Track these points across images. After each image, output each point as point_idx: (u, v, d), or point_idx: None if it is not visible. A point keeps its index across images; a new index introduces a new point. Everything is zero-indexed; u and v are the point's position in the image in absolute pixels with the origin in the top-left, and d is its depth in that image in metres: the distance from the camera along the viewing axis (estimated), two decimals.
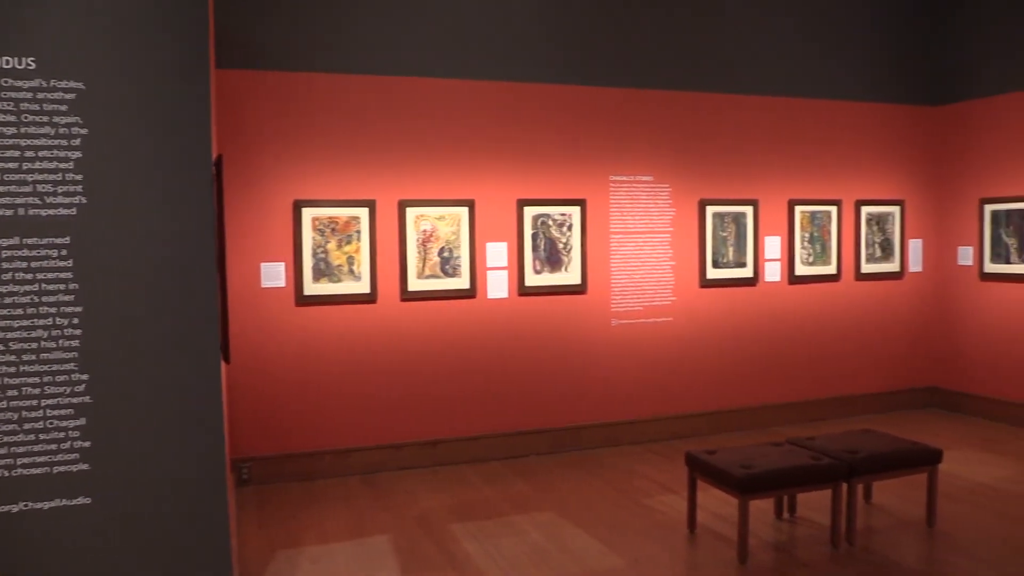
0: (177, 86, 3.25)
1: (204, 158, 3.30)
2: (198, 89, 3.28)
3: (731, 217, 7.17)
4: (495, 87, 6.39)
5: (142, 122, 3.21)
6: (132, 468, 3.21)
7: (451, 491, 5.72)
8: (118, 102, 3.17)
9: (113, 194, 3.17)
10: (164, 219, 3.23)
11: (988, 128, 7.60)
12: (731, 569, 4.36)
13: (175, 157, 3.25)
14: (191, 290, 3.28)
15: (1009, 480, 5.79)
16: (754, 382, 7.37)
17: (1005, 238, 7.43)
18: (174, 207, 3.25)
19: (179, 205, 3.25)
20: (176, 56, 3.24)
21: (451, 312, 6.30)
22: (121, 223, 3.18)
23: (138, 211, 3.20)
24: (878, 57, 7.79)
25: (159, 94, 3.22)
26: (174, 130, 3.25)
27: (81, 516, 3.16)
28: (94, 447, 3.16)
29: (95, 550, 3.18)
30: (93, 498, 3.17)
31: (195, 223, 3.28)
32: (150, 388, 3.23)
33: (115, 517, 3.20)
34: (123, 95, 3.18)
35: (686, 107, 7.00)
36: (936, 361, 8.17)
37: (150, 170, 3.22)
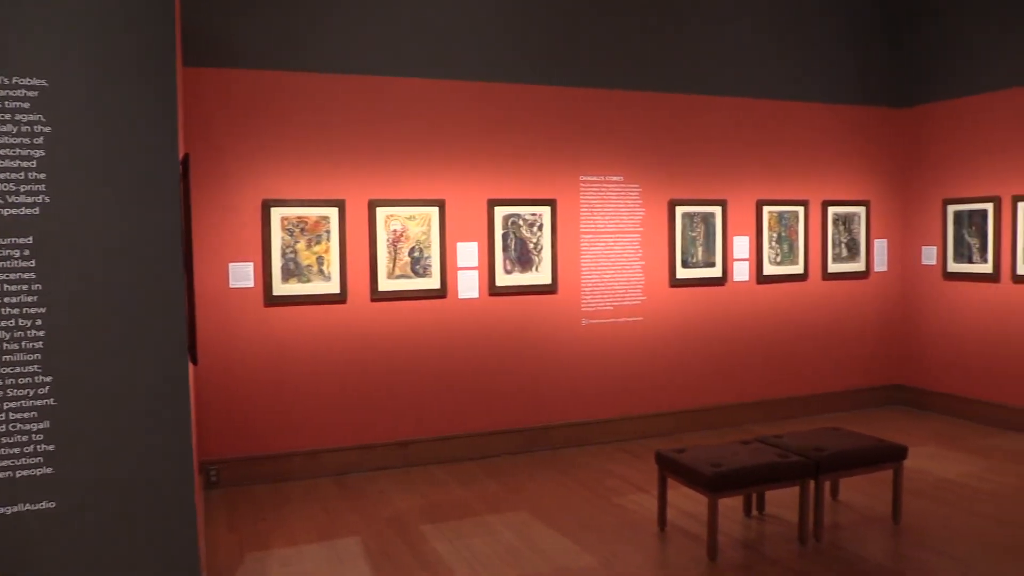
0: (143, 84, 3.20)
1: (170, 157, 3.26)
2: (164, 87, 3.24)
3: (700, 217, 7.22)
4: (466, 87, 6.38)
5: (107, 120, 3.16)
6: (97, 471, 3.16)
7: (422, 492, 5.70)
8: (82, 100, 3.12)
9: (77, 193, 3.11)
10: (129, 219, 3.19)
11: (951, 130, 7.73)
12: (701, 566, 4.39)
13: (141, 156, 3.20)
14: (157, 290, 3.23)
15: (973, 476, 5.89)
16: (723, 381, 7.44)
17: (967, 238, 7.56)
18: (140, 206, 3.20)
19: (145, 204, 3.21)
20: (142, 53, 3.20)
21: (422, 312, 6.28)
22: (85, 223, 3.13)
23: (103, 210, 3.15)
24: (844, 60, 7.89)
25: (124, 92, 3.17)
26: (140, 128, 3.20)
27: (46, 521, 3.10)
28: (58, 450, 3.11)
29: (60, 555, 3.13)
30: (58, 503, 3.12)
31: (161, 223, 3.23)
32: (115, 390, 3.18)
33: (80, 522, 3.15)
34: (87, 93, 3.13)
35: (656, 108, 7.04)
36: (901, 359, 8.29)
37: (115, 169, 3.17)
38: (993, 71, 7.31)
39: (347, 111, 6.04)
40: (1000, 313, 7.28)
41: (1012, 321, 7.17)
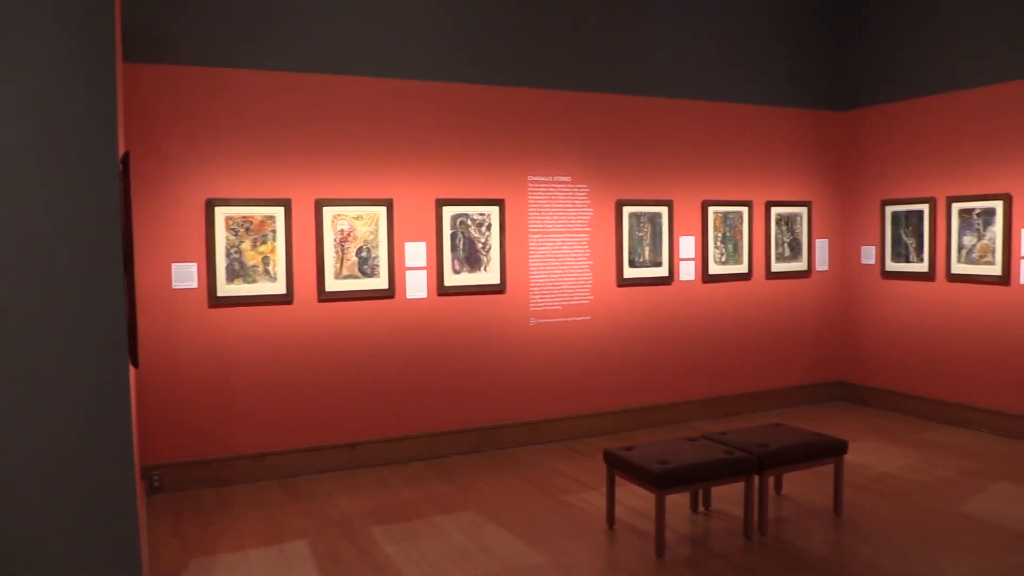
0: (81, 79, 3.12)
1: (110, 155, 3.18)
2: (103, 83, 3.16)
3: (647, 217, 7.30)
4: (414, 86, 6.35)
5: (43, 117, 3.07)
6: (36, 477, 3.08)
7: (371, 493, 5.67)
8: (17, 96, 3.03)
9: (12, 192, 3.02)
10: (67, 218, 3.10)
11: (888, 133, 7.94)
12: (649, 563, 4.44)
13: (79, 154, 3.12)
14: (97, 292, 3.15)
15: (909, 469, 6.06)
16: (670, 379, 7.53)
17: (904, 238, 7.77)
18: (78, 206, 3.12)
19: (83, 204, 3.12)
20: (80, 48, 3.11)
21: (370, 313, 6.24)
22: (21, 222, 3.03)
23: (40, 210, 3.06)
24: (787, 64, 8.05)
25: (61, 88, 3.09)
26: (78, 126, 3.11)
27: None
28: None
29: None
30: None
31: (100, 222, 3.15)
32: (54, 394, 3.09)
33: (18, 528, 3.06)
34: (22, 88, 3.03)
35: (603, 109, 7.10)
36: (842, 356, 8.49)
37: (52, 167, 3.08)
38: (929, 76, 7.53)
39: (293, 109, 5.97)
40: (935, 311, 7.50)
41: (947, 319, 7.40)
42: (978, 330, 7.13)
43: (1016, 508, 5.17)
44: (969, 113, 7.17)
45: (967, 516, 5.06)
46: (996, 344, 6.99)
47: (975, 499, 5.37)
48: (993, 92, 6.97)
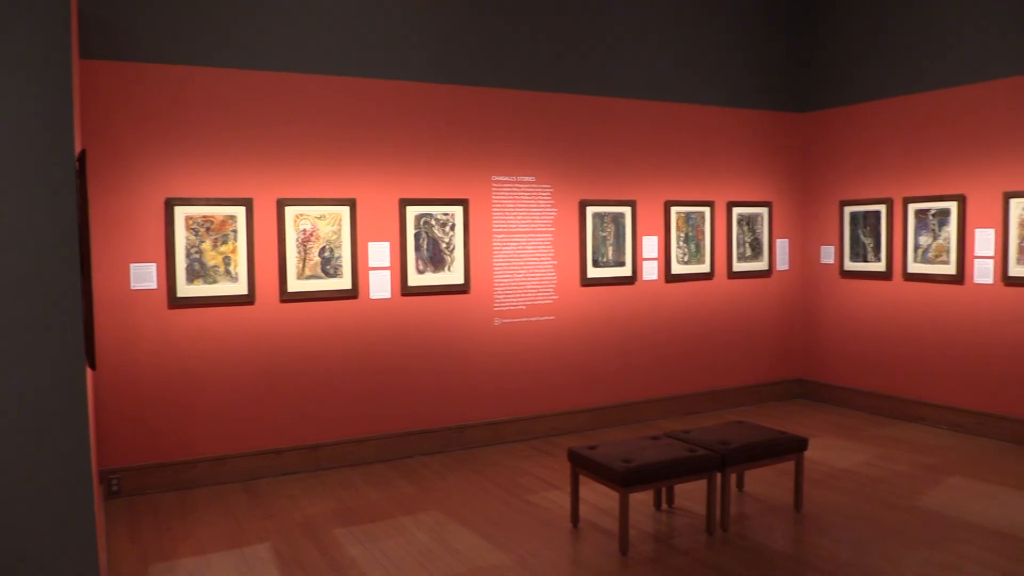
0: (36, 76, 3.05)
1: (66, 153, 3.12)
2: (59, 79, 3.10)
3: (610, 217, 7.34)
4: (377, 85, 6.32)
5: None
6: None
7: (334, 495, 5.63)
8: None
9: None
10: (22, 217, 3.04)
11: (847, 135, 8.08)
12: (613, 561, 4.47)
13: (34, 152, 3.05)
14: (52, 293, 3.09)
15: (867, 464, 6.16)
16: (633, 378, 7.58)
17: (863, 238, 7.91)
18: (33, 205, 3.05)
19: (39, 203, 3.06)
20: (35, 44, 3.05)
21: (333, 313, 6.19)
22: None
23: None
24: (749, 66, 8.14)
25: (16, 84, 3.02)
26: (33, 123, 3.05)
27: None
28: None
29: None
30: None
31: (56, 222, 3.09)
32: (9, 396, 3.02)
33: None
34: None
35: (567, 109, 7.12)
36: (802, 354, 8.61)
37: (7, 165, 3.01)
38: (886, 79, 7.67)
39: (255, 108, 5.91)
40: (892, 309, 7.64)
41: (903, 317, 7.54)
42: (933, 328, 7.28)
43: (970, 501, 5.29)
44: (925, 116, 7.32)
45: (923, 510, 5.16)
46: (951, 342, 7.14)
47: (930, 493, 5.48)
48: (948, 95, 7.11)
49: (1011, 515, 5.04)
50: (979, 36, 6.87)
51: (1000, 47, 6.71)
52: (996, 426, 6.81)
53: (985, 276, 6.84)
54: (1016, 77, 6.60)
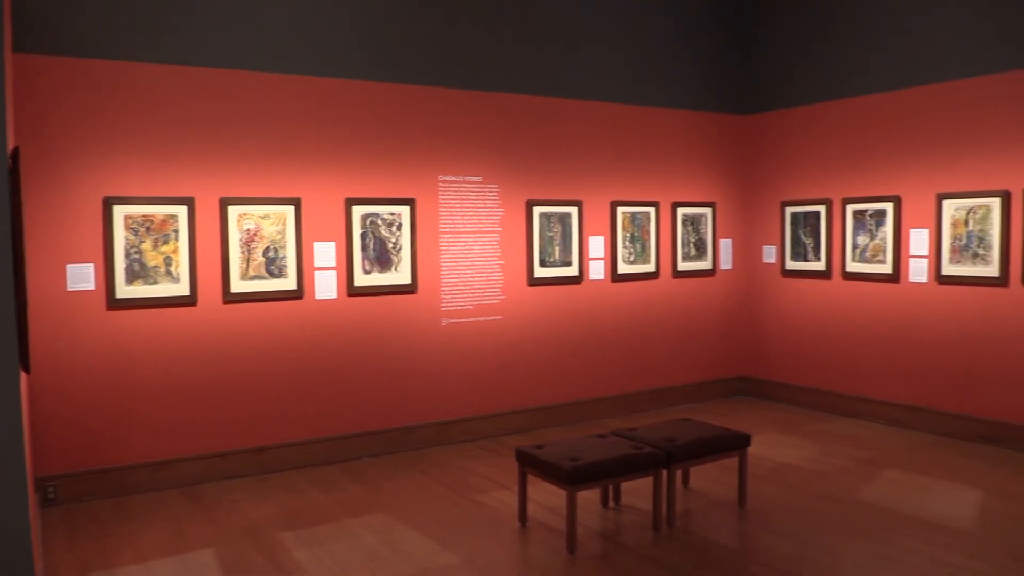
0: None
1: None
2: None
3: (557, 217, 7.38)
4: (323, 83, 6.26)
5: None
6: None
7: (279, 499, 5.55)
8: None
9: None
10: None
11: (788, 137, 8.24)
12: (561, 559, 4.49)
13: None
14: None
15: (809, 459, 6.30)
16: (581, 376, 7.63)
17: (803, 238, 8.08)
18: None
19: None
20: None
21: (277, 314, 6.11)
22: None
23: None
24: (694, 68, 8.26)
25: None
26: None
27: None
28: None
29: None
30: None
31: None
32: None
33: None
34: None
35: (514, 109, 7.14)
36: (745, 352, 8.77)
37: None
38: (826, 83, 7.85)
39: (197, 105, 5.80)
40: (831, 308, 7.82)
41: (842, 315, 7.72)
42: (871, 326, 7.47)
43: (905, 494, 5.44)
44: (863, 119, 7.51)
45: (861, 503, 5.30)
46: (888, 339, 7.34)
47: (868, 486, 5.62)
48: (884, 100, 7.31)
49: (944, 506, 5.20)
50: (913, 42, 7.07)
51: (933, 54, 6.92)
52: (930, 420, 7.02)
53: (920, 275, 7.04)
54: (949, 82, 6.81)
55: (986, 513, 5.08)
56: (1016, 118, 6.37)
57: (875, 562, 4.37)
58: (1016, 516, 5.01)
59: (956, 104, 6.76)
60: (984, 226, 6.56)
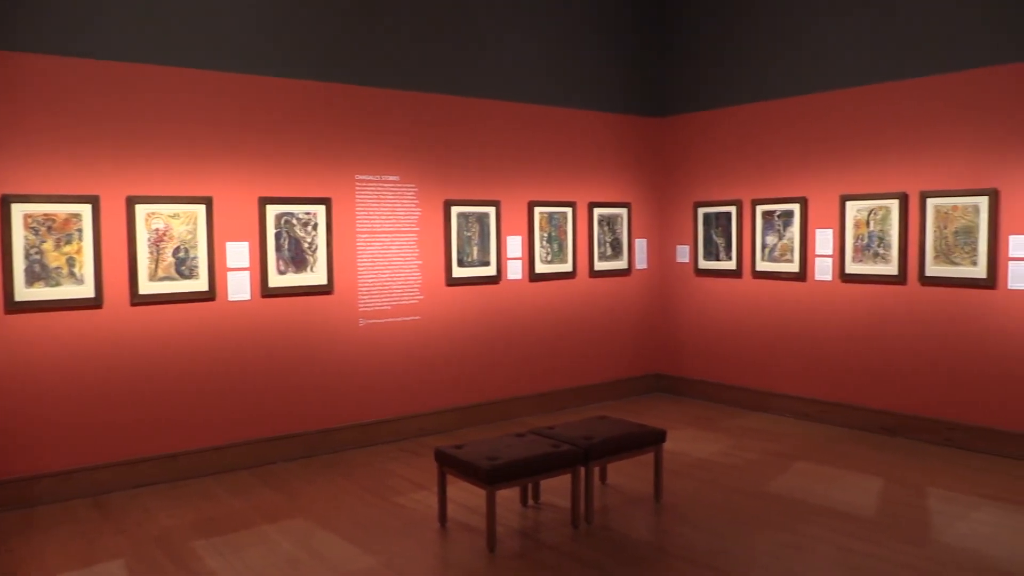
0: None
1: None
2: None
3: (475, 217, 7.39)
4: (236, 79, 6.11)
5: None
6: None
7: (193, 506, 5.40)
8: None
9: None
10: None
11: (701, 139, 8.45)
12: (481, 559, 4.50)
13: None
14: None
15: (722, 454, 6.47)
16: (500, 376, 7.66)
17: (715, 238, 8.29)
18: None
19: None
20: None
21: (189, 316, 5.94)
22: None
23: None
24: (609, 71, 8.38)
25: None
26: None
27: None
28: None
29: None
30: None
31: None
32: None
33: None
34: None
35: (432, 109, 7.11)
36: (660, 350, 8.95)
37: None
38: (736, 87, 8.07)
39: (102, 100, 5.59)
40: (742, 306, 8.06)
41: (752, 313, 7.96)
42: (780, 323, 7.72)
43: (814, 484, 5.65)
44: (771, 122, 7.75)
45: (773, 495, 5.47)
46: (796, 336, 7.60)
47: (779, 478, 5.81)
48: (791, 104, 7.56)
49: (851, 496, 5.41)
50: (819, 49, 7.34)
51: (838, 60, 7.19)
52: (837, 414, 7.30)
53: (825, 273, 7.31)
54: (852, 88, 7.09)
55: (887, 501, 5.32)
56: (915, 124, 6.68)
57: (786, 551, 4.52)
58: (914, 504, 5.27)
59: (858, 109, 7.05)
60: (884, 227, 6.86)
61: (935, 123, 6.56)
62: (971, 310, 6.38)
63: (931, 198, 6.55)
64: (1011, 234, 6.15)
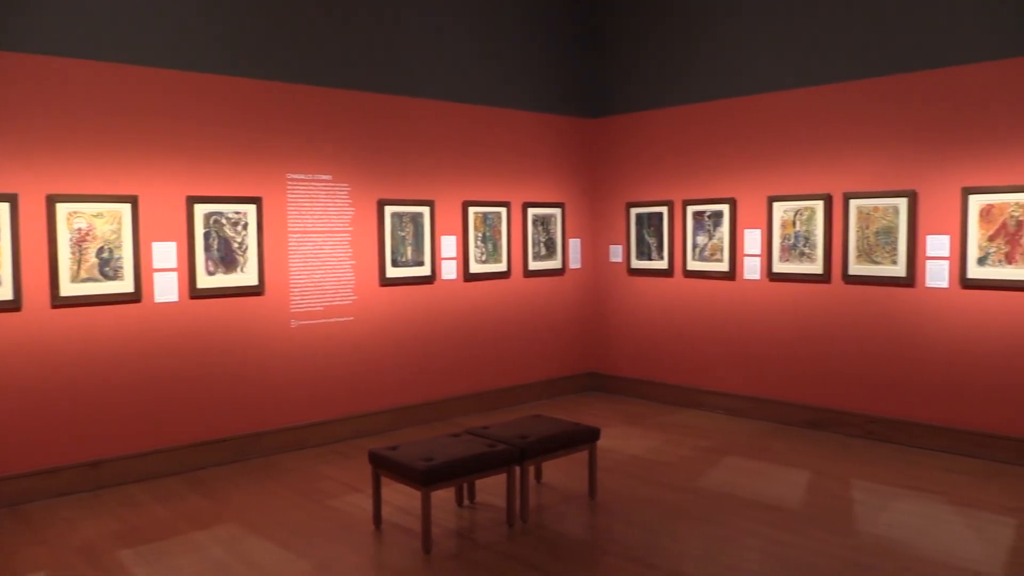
0: None
1: None
2: None
3: (409, 217, 7.34)
4: (163, 75, 5.95)
5: None
6: None
7: (118, 515, 5.24)
8: None
9: None
10: None
11: (633, 140, 8.56)
12: (416, 560, 4.48)
13: None
14: None
15: (654, 450, 6.57)
16: (435, 376, 7.63)
17: (647, 238, 8.41)
18: None
19: None
20: None
21: (113, 318, 5.77)
22: None
23: None
24: (543, 71, 8.42)
25: None
26: None
27: None
28: None
29: None
30: None
31: None
32: None
33: None
34: None
35: (365, 108, 7.05)
36: (594, 348, 9.03)
37: None
38: (667, 89, 8.20)
39: (21, 94, 5.37)
40: (674, 305, 8.19)
41: (684, 312, 8.10)
42: (710, 321, 7.87)
43: (743, 479, 5.77)
44: (700, 124, 7.90)
45: (703, 489, 5.57)
46: (725, 334, 7.76)
47: (710, 473, 5.92)
48: (722, 106, 7.71)
49: (777, 489, 5.55)
50: (748, 53, 7.50)
51: (764, 64, 7.37)
52: (765, 409, 7.47)
53: (753, 273, 7.48)
54: (778, 92, 7.27)
55: (813, 493, 5.47)
56: (839, 127, 6.88)
57: (716, 544, 4.61)
58: (839, 495, 5.43)
59: (785, 112, 7.23)
60: (809, 227, 7.05)
61: (858, 126, 6.77)
62: (891, 308, 6.60)
63: (854, 199, 6.76)
64: (928, 234, 6.38)
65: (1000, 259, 6.01)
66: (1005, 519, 4.94)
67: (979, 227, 6.10)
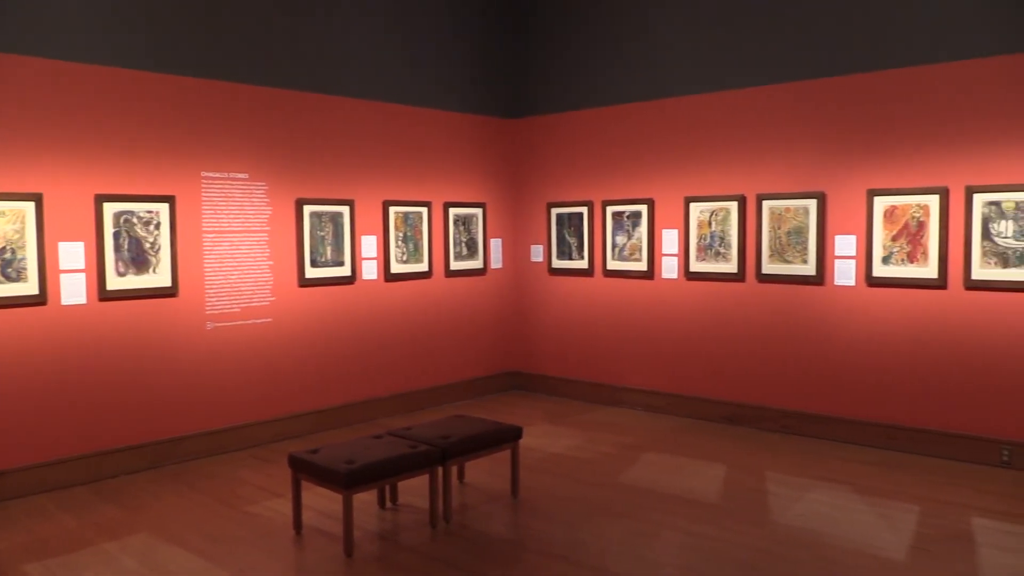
0: None
1: None
2: None
3: (329, 217, 7.25)
4: (71, 68, 5.72)
5: None
6: None
7: (23, 526, 5.03)
8: None
9: None
10: None
11: (554, 141, 8.63)
12: (338, 564, 4.42)
13: None
14: None
15: (576, 448, 6.64)
16: (356, 377, 7.55)
17: (568, 238, 8.49)
18: None
19: None
20: None
21: (16, 321, 5.52)
22: None
23: None
24: (465, 72, 8.42)
25: None
26: None
27: None
28: None
29: None
30: None
31: None
32: None
33: None
34: None
35: (283, 106, 6.92)
36: (516, 348, 9.08)
37: None
38: (587, 90, 8.30)
39: None
40: (594, 304, 8.29)
41: (604, 311, 8.21)
42: (629, 320, 8.00)
43: (662, 474, 5.89)
44: (620, 126, 8.02)
45: (624, 485, 5.66)
46: (645, 332, 7.90)
47: (630, 470, 6.02)
48: (640, 108, 7.85)
49: (696, 483, 5.68)
50: (665, 56, 7.65)
51: (681, 67, 7.53)
52: (682, 405, 7.64)
53: (671, 272, 7.64)
54: (695, 95, 7.43)
55: (729, 486, 5.62)
56: (753, 131, 7.08)
57: (637, 539, 4.70)
58: (754, 488, 5.59)
59: (700, 115, 7.40)
60: (725, 227, 7.24)
61: (772, 129, 6.98)
62: (802, 305, 6.83)
63: (766, 200, 6.97)
64: (837, 234, 6.62)
65: (903, 258, 6.28)
66: (910, 506, 5.17)
67: (883, 227, 6.36)
